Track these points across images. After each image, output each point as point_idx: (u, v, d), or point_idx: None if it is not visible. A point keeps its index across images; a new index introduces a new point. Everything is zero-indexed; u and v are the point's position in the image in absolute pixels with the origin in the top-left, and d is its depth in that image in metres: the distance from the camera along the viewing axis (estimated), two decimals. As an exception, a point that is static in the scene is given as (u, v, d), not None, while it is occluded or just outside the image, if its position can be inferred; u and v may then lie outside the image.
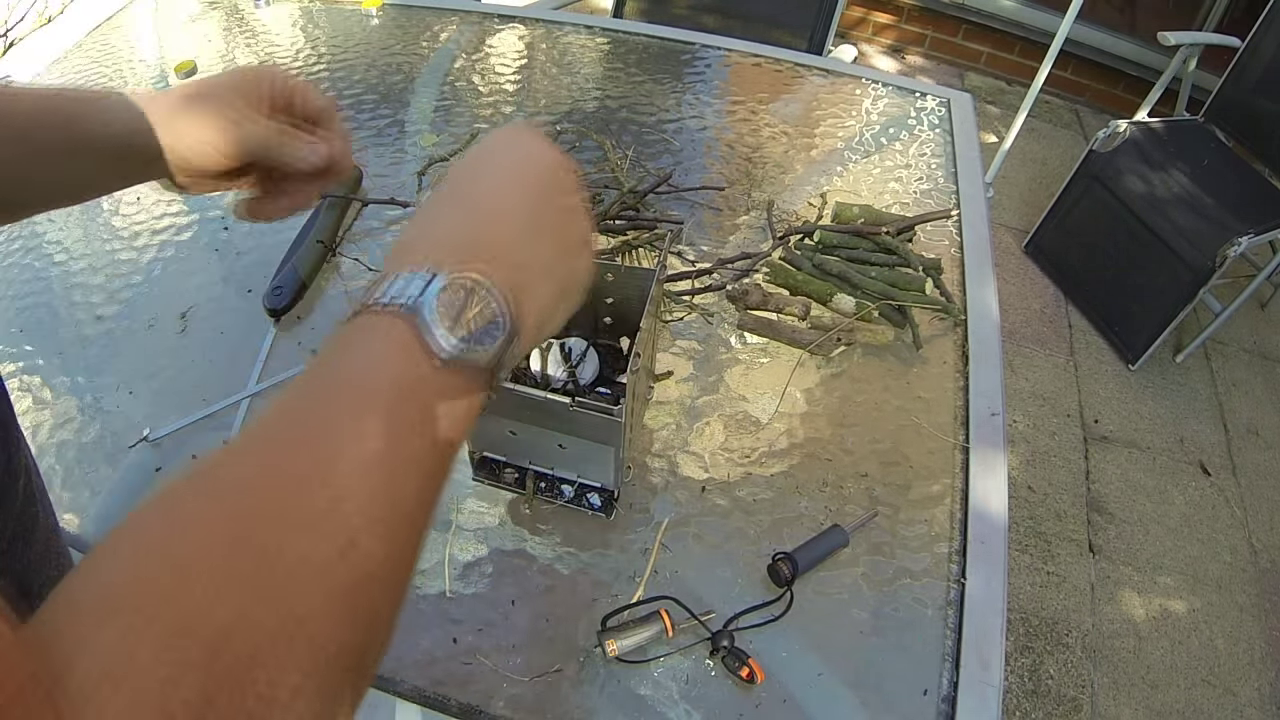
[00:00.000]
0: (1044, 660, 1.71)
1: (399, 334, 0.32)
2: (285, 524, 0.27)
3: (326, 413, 0.30)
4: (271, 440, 0.29)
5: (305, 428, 0.30)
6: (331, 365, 0.32)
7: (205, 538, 0.25)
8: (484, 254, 0.36)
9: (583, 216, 0.42)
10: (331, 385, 0.31)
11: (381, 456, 0.29)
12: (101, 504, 0.78)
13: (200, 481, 0.28)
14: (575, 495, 0.77)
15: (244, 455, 0.29)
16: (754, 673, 0.66)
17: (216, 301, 0.97)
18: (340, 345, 0.32)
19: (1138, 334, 2.22)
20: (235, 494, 0.27)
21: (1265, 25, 2.14)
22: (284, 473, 0.28)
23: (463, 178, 0.40)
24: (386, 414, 0.30)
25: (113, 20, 1.46)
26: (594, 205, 1.05)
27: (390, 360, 0.31)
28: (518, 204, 0.39)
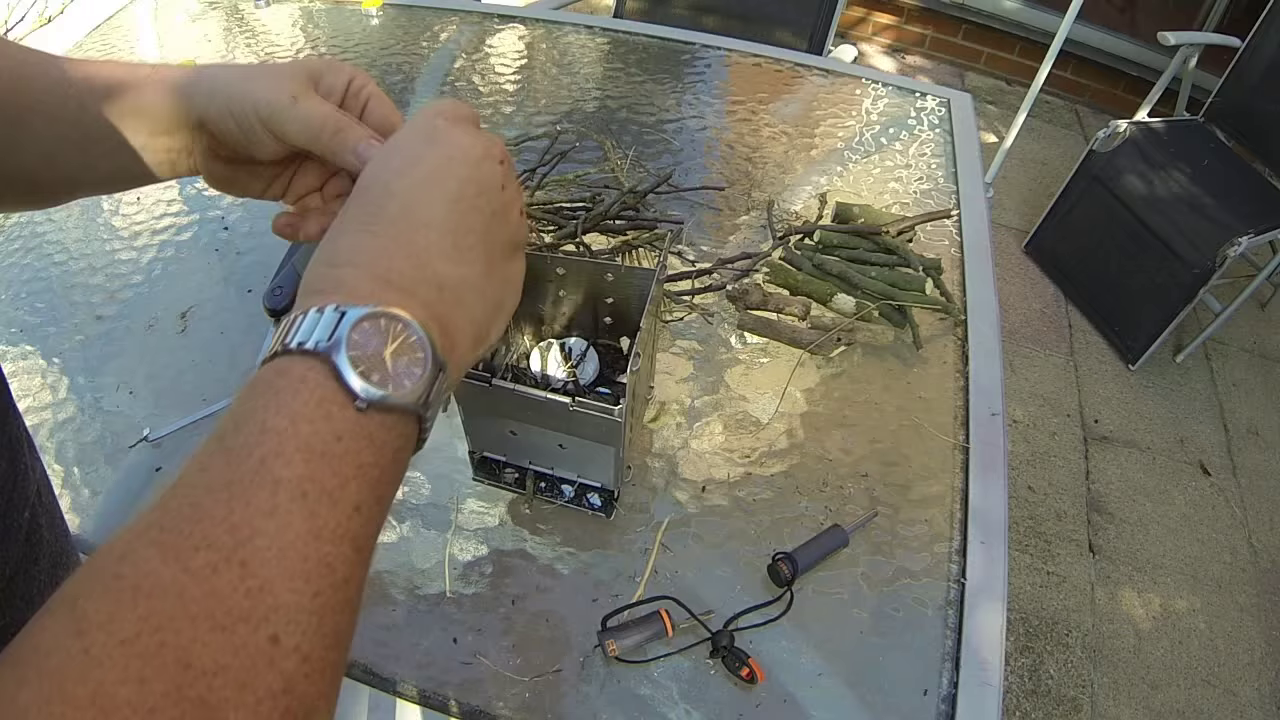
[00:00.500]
0: (1044, 660, 1.71)
1: (313, 382, 0.29)
2: (201, 625, 0.24)
3: (237, 484, 0.27)
4: (178, 521, 0.26)
5: (215, 503, 0.26)
6: (241, 425, 0.28)
7: (118, 655, 0.23)
8: (399, 279, 0.33)
9: (514, 215, 0.38)
10: (241, 451, 0.27)
11: (302, 532, 0.26)
12: (101, 504, 0.79)
13: (105, 581, 0.25)
14: (575, 495, 0.77)
15: (149, 544, 0.25)
16: (754, 673, 0.66)
17: (216, 301, 0.97)
18: (250, 399, 0.29)
19: (1138, 334, 2.22)
20: (144, 596, 0.24)
21: (1265, 25, 2.14)
22: (194, 563, 0.25)
23: (375, 185, 0.36)
24: (303, 480, 0.27)
25: (113, 20, 1.46)
26: (594, 205, 1.05)
27: (304, 416, 0.28)
28: (437, 214, 0.35)
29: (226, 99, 0.42)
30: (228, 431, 0.28)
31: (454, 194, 0.36)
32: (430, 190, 0.35)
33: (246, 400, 0.29)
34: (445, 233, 0.35)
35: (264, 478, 0.27)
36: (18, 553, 0.37)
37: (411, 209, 0.35)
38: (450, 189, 0.36)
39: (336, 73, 0.45)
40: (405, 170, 0.36)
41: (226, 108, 0.42)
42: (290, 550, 0.26)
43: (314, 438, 0.28)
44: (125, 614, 0.23)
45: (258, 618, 0.25)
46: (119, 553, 0.25)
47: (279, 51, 1.38)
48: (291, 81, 0.42)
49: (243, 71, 0.43)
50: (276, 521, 0.26)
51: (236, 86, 0.42)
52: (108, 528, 0.77)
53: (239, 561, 0.25)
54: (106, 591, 0.24)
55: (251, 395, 0.29)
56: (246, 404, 0.29)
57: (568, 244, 1.00)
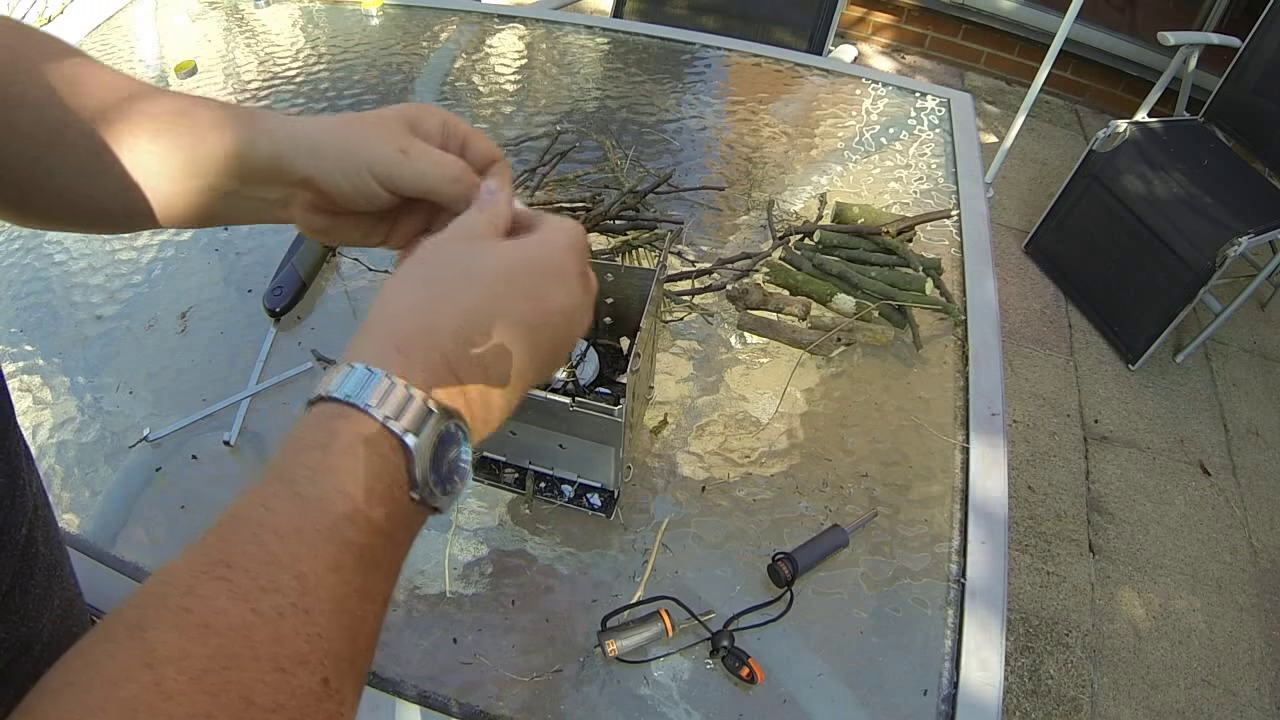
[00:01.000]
0: (1044, 660, 1.71)
1: (392, 465, 0.31)
2: (265, 665, 0.25)
3: (307, 535, 0.29)
4: (246, 560, 0.28)
5: (284, 549, 0.28)
6: (317, 479, 0.30)
7: (189, 691, 0.24)
8: (480, 401, 0.35)
9: (577, 336, 0.41)
10: (314, 504, 0.29)
11: (354, 590, 0.29)
12: (101, 504, 0.78)
13: (174, 614, 0.26)
14: (575, 495, 0.77)
15: (216, 580, 0.27)
16: (754, 673, 0.66)
17: (216, 301, 0.97)
18: (327, 451, 0.31)
19: (1138, 334, 2.22)
20: (213, 634, 0.25)
21: (1265, 25, 2.14)
22: (262, 605, 0.26)
23: (498, 287, 0.37)
24: (364, 547, 0.30)
25: (113, 20, 1.46)
26: (594, 205, 1.05)
27: (377, 493, 0.31)
28: (525, 358, 0.37)
29: (336, 157, 0.42)
30: (299, 479, 0.30)
31: (547, 344, 0.38)
32: (533, 333, 0.37)
33: (321, 449, 0.31)
34: (526, 374, 0.38)
35: (334, 537, 0.29)
36: (14, 567, 0.36)
37: (514, 340, 0.37)
38: (544, 339, 0.38)
39: (430, 116, 0.45)
40: (531, 295, 0.38)
41: (336, 166, 0.42)
42: (344, 604, 0.28)
43: (378, 513, 0.30)
44: (195, 650, 0.25)
45: (315, 662, 0.27)
46: (185, 586, 0.26)
47: (279, 52, 1.38)
48: (397, 134, 0.43)
49: (343, 127, 0.43)
50: (339, 578, 0.28)
51: (343, 145, 0.43)
52: (108, 528, 0.77)
53: (303, 609, 0.27)
54: (176, 625, 0.25)
55: (329, 447, 0.31)
56: (321, 455, 0.30)
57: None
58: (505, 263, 0.38)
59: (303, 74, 1.32)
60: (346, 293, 0.98)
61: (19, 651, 0.37)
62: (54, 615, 0.41)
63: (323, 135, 0.43)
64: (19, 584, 0.37)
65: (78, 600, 0.47)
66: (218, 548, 0.28)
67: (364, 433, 0.31)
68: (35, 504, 0.40)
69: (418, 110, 0.45)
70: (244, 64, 1.35)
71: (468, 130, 0.46)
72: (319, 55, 1.37)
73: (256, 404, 0.86)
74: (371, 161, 0.42)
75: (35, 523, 0.39)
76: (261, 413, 0.86)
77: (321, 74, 1.33)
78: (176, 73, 1.31)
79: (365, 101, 1.27)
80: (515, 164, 1.15)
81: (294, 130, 0.44)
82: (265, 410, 0.86)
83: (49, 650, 0.40)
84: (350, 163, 0.42)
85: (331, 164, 0.43)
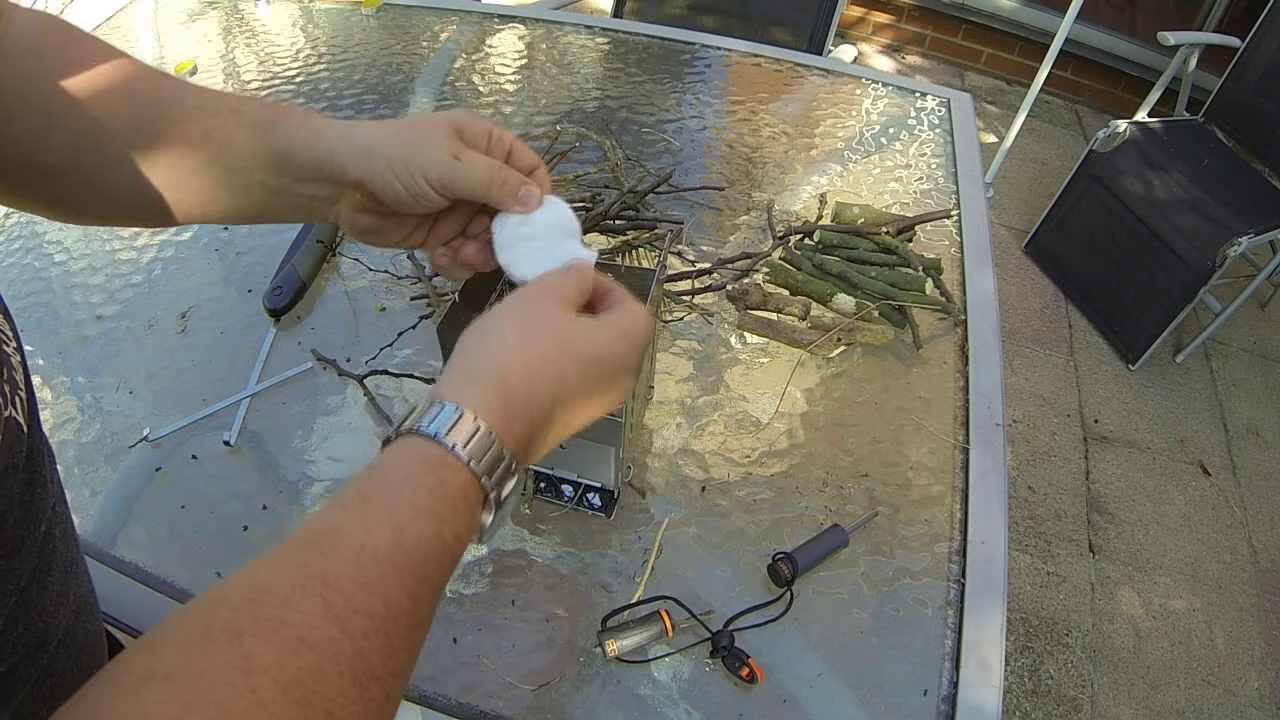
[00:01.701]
0: (1044, 660, 1.71)
1: (474, 516, 0.35)
2: (346, 680, 0.28)
3: (398, 569, 0.31)
4: (342, 581, 0.30)
5: (380, 577, 0.31)
6: (418, 519, 0.33)
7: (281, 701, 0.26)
8: (539, 445, 0.39)
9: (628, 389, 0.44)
10: (412, 543, 0.32)
11: (424, 619, 0.33)
12: (101, 504, 0.78)
13: (271, 625, 0.28)
14: (575, 495, 0.77)
15: (314, 596, 0.29)
16: (754, 673, 0.66)
17: (216, 301, 0.97)
18: (430, 495, 0.33)
19: (1138, 334, 2.22)
20: (307, 648, 0.28)
21: (1265, 25, 2.14)
22: (352, 627, 0.29)
23: (590, 370, 0.40)
24: (439, 584, 0.33)
25: (113, 20, 1.46)
26: (594, 205, 1.05)
27: (461, 538, 0.34)
28: (582, 414, 0.41)
29: (388, 161, 0.44)
30: (404, 515, 0.32)
31: (587, 417, 0.42)
32: (595, 407, 0.42)
33: (429, 494, 0.33)
34: (577, 421, 0.41)
35: (420, 572, 0.32)
36: (32, 563, 0.37)
37: (583, 417, 0.41)
38: (591, 413, 0.42)
39: (477, 124, 0.47)
40: (606, 380, 0.41)
41: (389, 169, 0.44)
42: (414, 631, 0.32)
43: (456, 558, 0.34)
44: (289, 662, 0.27)
45: (385, 680, 0.29)
46: (283, 597, 0.28)
47: (279, 52, 1.38)
48: (448, 140, 0.45)
49: (395, 132, 0.45)
50: (415, 607, 0.31)
51: (396, 150, 0.44)
52: (108, 528, 0.77)
53: (385, 633, 0.30)
54: (273, 636, 0.27)
55: (436, 493, 0.33)
56: (429, 499, 0.33)
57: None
58: (600, 349, 0.41)
59: (303, 74, 1.32)
60: (346, 293, 0.98)
61: (34, 646, 0.38)
62: (69, 611, 0.42)
63: (375, 140, 0.45)
64: (37, 579, 0.38)
65: (91, 597, 0.48)
66: (318, 564, 0.30)
67: (464, 485, 0.34)
68: (55, 502, 0.41)
69: (465, 118, 0.47)
70: (244, 64, 1.35)
71: (513, 140, 0.49)
72: (319, 55, 1.37)
73: (256, 404, 0.86)
74: (425, 165, 0.44)
75: (54, 520, 0.40)
76: (261, 413, 0.86)
77: (321, 74, 1.33)
78: (176, 73, 1.31)
79: (365, 101, 1.27)
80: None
81: (346, 133, 0.45)
82: (265, 410, 0.86)
83: (64, 646, 0.41)
84: (404, 166, 0.44)
85: (384, 166, 0.44)
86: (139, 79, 0.45)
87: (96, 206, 0.47)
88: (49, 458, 0.42)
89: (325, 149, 0.45)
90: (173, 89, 0.45)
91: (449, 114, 0.47)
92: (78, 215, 0.49)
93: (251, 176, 0.45)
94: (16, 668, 0.37)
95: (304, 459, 0.82)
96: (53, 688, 0.40)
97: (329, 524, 0.31)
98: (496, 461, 0.35)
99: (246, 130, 0.45)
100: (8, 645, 0.35)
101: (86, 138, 0.43)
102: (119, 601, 0.70)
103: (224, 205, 0.47)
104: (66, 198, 0.46)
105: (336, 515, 0.32)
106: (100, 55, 0.44)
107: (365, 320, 0.95)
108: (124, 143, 0.44)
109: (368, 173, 0.44)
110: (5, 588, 0.35)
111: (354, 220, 0.48)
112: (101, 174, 0.45)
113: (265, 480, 0.80)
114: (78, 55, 0.44)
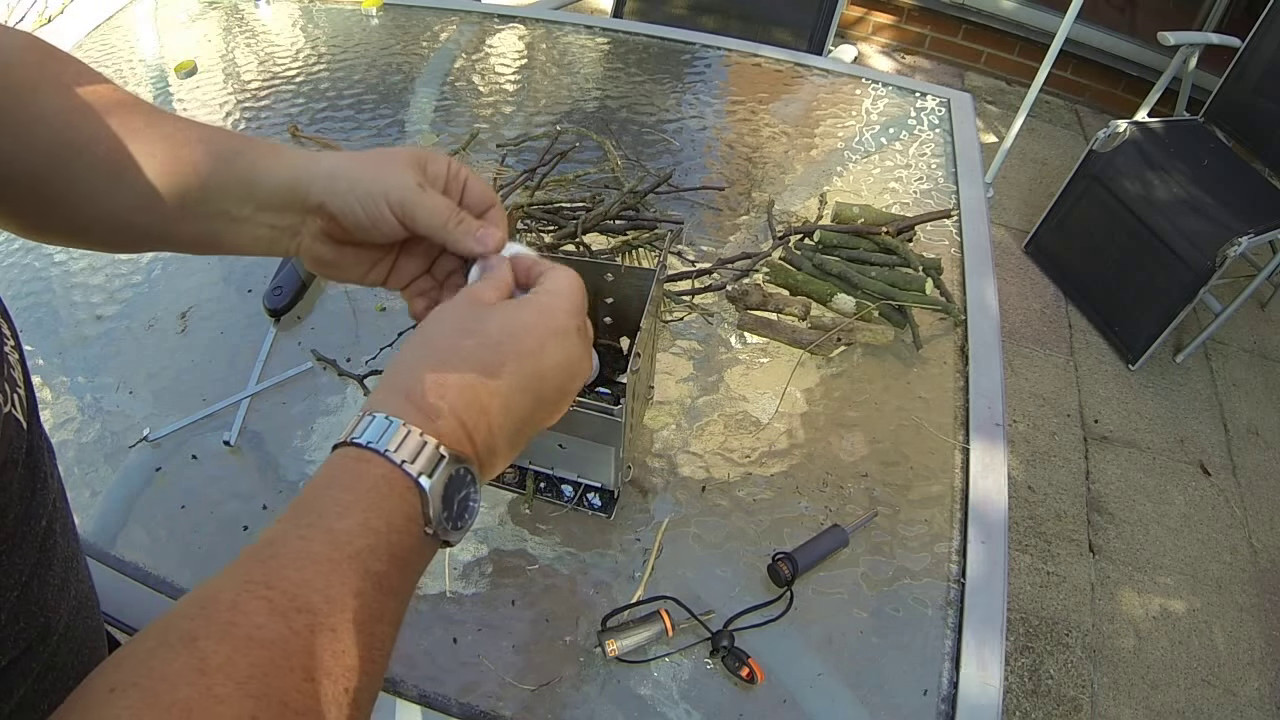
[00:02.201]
0: (1044, 660, 1.71)
1: (408, 503, 0.35)
2: (298, 675, 0.29)
3: (336, 564, 0.32)
4: (283, 582, 0.31)
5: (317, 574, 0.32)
6: (345, 514, 0.34)
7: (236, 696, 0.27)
8: (488, 440, 0.39)
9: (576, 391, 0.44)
10: (344, 537, 0.33)
11: (373, 613, 0.33)
12: (101, 504, 0.79)
13: (221, 626, 0.29)
14: (575, 495, 0.77)
15: (258, 599, 0.30)
16: (754, 673, 0.66)
17: (216, 301, 0.97)
18: (353, 489, 0.34)
19: (1138, 334, 2.22)
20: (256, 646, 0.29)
21: (1265, 25, 2.14)
22: (296, 623, 0.30)
23: (506, 341, 0.40)
24: (383, 575, 0.33)
25: (113, 20, 1.46)
26: (594, 205, 1.05)
27: (396, 527, 0.35)
28: (527, 405, 0.41)
29: (351, 184, 0.45)
30: (330, 513, 0.34)
31: (550, 394, 0.42)
32: (534, 386, 0.41)
33: (348, 489, 0.35)
34: (529, 422, 0.42)
35: (359, 566, 0.33)
36: (33, 558, 0.38)
37: (522, 386, 0.41)
38: (549, 389, 0.42)
39: (438, 161, 0.48)
40: (532, 352, 0.41)
41: (352, 192, 0.45)
42: (364, 626, 0.32)
43: (398, 546, 0.34)
44: (240, 659, 0.28)
45: (338, 674, 0.30)
46: (230, 601, 0.30)
47: (279, 52, 1.38)
48: (413, 170, 0.46)
49: (360, 161, 0.46)
50: (361, 602, 0.32)
51: (360, 173, 0.45)
52: (108, 528, 0.77)
53: (330, 627, 0.31)
54: (225, 637, 0.29)
55: (355, 487, 0.35)
56: (349, 494, 0.34)
57: (568, 244, 1.00)
58: (507, 324, 0.41)
59: (303, 74, 1.32)
60: (346, 293, 0.98)
61: (36, 640, 0.38)
62: (70, 606, 0.42)
63: (339, 165, 0.45)
64: (37, 574, 0.38)
65: (91, 593, 0.49)
66: (259, 570, 0.31)
67: (384, 474, 0.35)
68: (55, 498, 0.41)
69: (428, 155, 0.48)
70: (244, 64, 1.35)
71: (469, 175, 0.49)
72: (319, 55, 1.37)
73: (256, 404, 0.86)
74: (388, 189, 0.44)
75: (54, 516, 0.41)
76: (261, 413, 0.86)
77: (321, 74, 1.33)
78: (176, 72, 1.31)
79: (365, 101, 1.27)
80: (515, 164, 1.15)
81: (311, 160, 0.46)
82: (265, 410, 0.86)
83: (65, 640, 0.41)
84: (366, 189, 0.45)
85: (346, 190, 0.45)
86: (113, 102, 0.45)
87: (60, 226, 0.48)
88: (50, 455, 0.42)
89: (290, 173, 0.45)
90: (144, 114, 0.46)
91: (412, 149, 0.48)
92: (38, 232, 0.49)
93: (215, 205, 0.46)
94: (18, 661, 0.37)
95: (304, 459, 0.82)
96: (54, 681, 0.40)
97: (268, 536, 0.33)
98: (418, 449, 0.36)
99: (212, 160, 0.45)
100: (9, 639, 0.36)
101: (55, 158, 0.44)
102: (119, 601, 0.70)
103: (185, 234, 0.48)
104: (28, 213, 0.47)
105: (275, 528, 0.34)
106: (77, 76, 0.45)
107: (365, 320, 0.95)
108: (90, 164, 0.44)
109: (330, 195, 0.45)
110: (7, 582, 0.35)
111: (314, 250, 0.48)
112: (65, 193, 0.45)
113: (265, 480, 0.80)
114: (55, 73, 0.44)
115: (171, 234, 0.48)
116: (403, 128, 1.22)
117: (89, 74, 0.46)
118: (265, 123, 1.22)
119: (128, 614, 0.69)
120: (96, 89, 0.45)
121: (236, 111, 1.25)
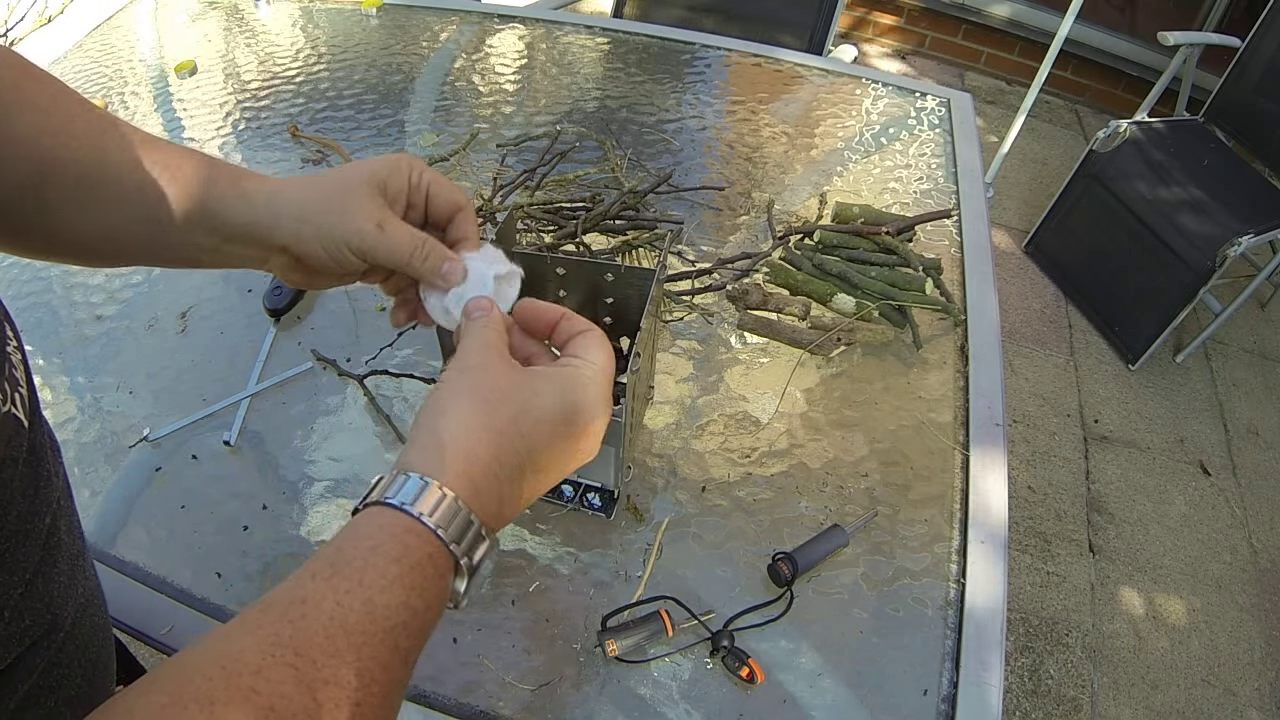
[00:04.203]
0: (1044, 660, 1.71)
1: (445, 584, 0.35)
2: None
3: (370, 637, 0.32)
4: (313, 651, 0.30)
5: (349, 647, 0.31)
6: (388, 589, 0.33)
7: None
8: (502, 515, 0.39)
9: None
10: (381, 612, 0.32)
11: (397, 685, 0.33)
12: (101, 504, 0.78)
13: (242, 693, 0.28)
14: (575, 495, 0.77)
15: (285, 666, 0.29)
16: (754, 673, 0.66)
17: (216, 301, 0.97)
18: (398, 562, 0.33)
19: (1138, 334, 2.22)
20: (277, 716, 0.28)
21: (1265, 25, 2.14)
22: (323, 696, 0.29)
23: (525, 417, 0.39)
24: (410, 651, 0.34)
25: (113, 20, 1.46)
26: (594, 205, 1.05)
27: (431, 607, 0.34)
28: (561, 474, 0.42)
29: (315, 229, 0.45)
30: (373, 584, 0.32)
31: (572, 465, 0.42)
32: (567, 463, 0.42)
33: (396, 562, 0.33)
34: (549, 479, 0.42)
35: (391, 643, 0.32)
36: (37, 555, 0.38)
37: (554, 473, 0.41)
38: (572, 465, 0.42)
39: (396, 172, 0.47)
40: (574, 437, 0.41)
41: (314, 237, 0.45)
42: (388, 698, 0.32)
43: (428, 624, 0.35)
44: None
45: None
46: (254, 665, 0.29)
47: (279, 52, 1.38)
48: (372, 206, 0.45)
49: (321, 197, 0.46)
50: (388, 675, 0.32)
51: (321, 218, 0.45)
52: (108, 528, 0.77)
53: (356, 702, 0.30)
54: (244, 704, 0.28)
55: (402, 561, 0.34)
56: (397, 568, 0.33)
57: (568, 244, 1.00)
58: (559, 408, 0.40)
59: (303, 74, 1.32)
60: (346, 292, 0.98)
61: (41, 636, 0.39)
62: (77, 603, 0.43)
63: (303, 205, 0.45)
64: (43, 571, 0.38)
65: (98, 591, 0.49)
66: (289, 631, 0.30)
67: (431, 554, 0.34)
68: (60, 496, 0.41)
69: (386, 168, 0.47)
70: (244, 64, 1.35)
71: (432, 178, 0.49)
72: (319, 55, 1.37)
73: (256, 404, 0.86)
74: (348, 235, 0.45)
75: (59, 514, 0.41)
76: (261, 413, 0.86)
77: (321, 74, 1.33)
78: (176, 73, 1.31)
79: (365, 101, 1.27)
80: (515, 164, 1.15)
81: (272, 198, 0.46)
82: (265, 410, 0.86)
83: (71, 636, 0.41)
84: (329, 235, 0.45)
85: (310, 234, 0.45)
86: (87, 125, 0.45)
87: (38, 245, 0.48)
88: (55, 453, 0.42)
89: (251, 216, 0.46)
90: (118, 139, 0.45)
91: (373, 166, 0.47)
92: (19, 250, 0.49)
93: (183, 234, 0.46)
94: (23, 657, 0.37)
95: (304, 459, 0.82)
96: (60, 677, 0.40)
97: (299, 593, 0.32)
98: (465, 528, 0.35)
99: (179, 188, 0.45)
100: (15, 635, 0.36)
101: (26, 182, 0.43)
102: (119, 601, 0.70)
103: (159, 256, 0.48)
104: (3, 232, 0.46)
105: (306, 585, 0.32)
106: (53, 98, 0.45)
107: (365, 320, 0.95)
108: (60, 191, 0.44)
109: (293, 239, 0.46)
110: (11, 579, 0.35)
111: (285, 276, 0.49)
112: (37, 217, 0.45)
113: (265, 480, 0.80)
114: (31, 95, 0.44)
115: (149, 255, 0.48)
116: (403, 128, 1.22)
117: (65, 94, 0.45)
118: (265, 123, 1.22)
119: (128, 614, 0.69)
120: (71, 111, 0.45)
121: (236, 111, 1.25)
